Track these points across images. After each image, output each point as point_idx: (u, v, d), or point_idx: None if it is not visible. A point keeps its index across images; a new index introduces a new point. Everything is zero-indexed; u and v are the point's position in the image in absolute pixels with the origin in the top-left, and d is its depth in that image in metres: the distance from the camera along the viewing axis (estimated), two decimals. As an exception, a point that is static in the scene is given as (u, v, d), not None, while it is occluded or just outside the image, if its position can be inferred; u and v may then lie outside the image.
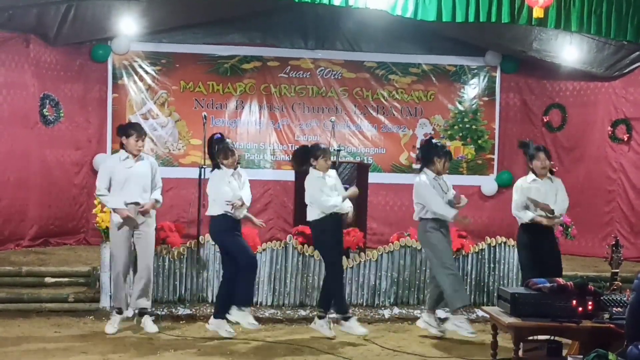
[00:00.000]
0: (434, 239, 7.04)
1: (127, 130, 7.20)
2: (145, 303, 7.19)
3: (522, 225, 7.03)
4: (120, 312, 7.14)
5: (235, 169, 7.06)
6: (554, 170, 7.30)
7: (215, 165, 7.02)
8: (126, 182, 7.07)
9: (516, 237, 7.28)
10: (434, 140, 7.55)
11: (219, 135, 7.11)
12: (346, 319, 7.12)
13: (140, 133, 7.20)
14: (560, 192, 7.06)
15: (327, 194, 6.98)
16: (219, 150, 6.97)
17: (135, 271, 7.30)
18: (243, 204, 6.90)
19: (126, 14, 9.92)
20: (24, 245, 9.89)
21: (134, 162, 7.14)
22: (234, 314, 6.90)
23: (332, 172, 7.23)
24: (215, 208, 6.92)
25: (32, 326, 7.18)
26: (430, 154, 7.15)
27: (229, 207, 6.80)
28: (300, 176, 8.42)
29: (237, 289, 6.89)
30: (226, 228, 6.93)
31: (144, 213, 7.10)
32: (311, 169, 7.10)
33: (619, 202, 10.62)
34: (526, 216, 6.94)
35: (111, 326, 7.03)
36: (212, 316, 7.08)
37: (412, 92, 11.63)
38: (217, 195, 6.88)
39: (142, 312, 7.17)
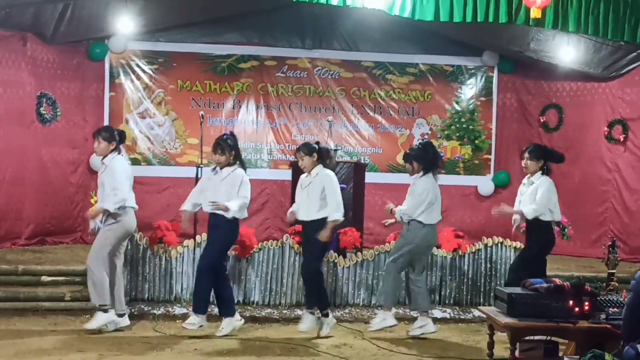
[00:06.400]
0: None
1: (122, 134, 7.21)
2: None
3: (549, 223, 7.01)
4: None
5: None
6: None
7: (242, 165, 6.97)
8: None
9: (539, 235, 7.02)
10: (421, 142, 7.62)
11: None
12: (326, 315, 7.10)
13: None
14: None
15: None
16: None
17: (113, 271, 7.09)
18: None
19: (123, 13, 9.91)
20: (20, 244, 9.87)
21: None
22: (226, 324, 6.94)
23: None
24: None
25: (29, 325, 7.17)
26: (435, 156, 7.22)
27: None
28: (297, 175, 8.40)
29: (227, 298, 6.98)
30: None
31: None
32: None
33: (613, 203, 10.61)
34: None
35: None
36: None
37: (409, 91, 11.64)
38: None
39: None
